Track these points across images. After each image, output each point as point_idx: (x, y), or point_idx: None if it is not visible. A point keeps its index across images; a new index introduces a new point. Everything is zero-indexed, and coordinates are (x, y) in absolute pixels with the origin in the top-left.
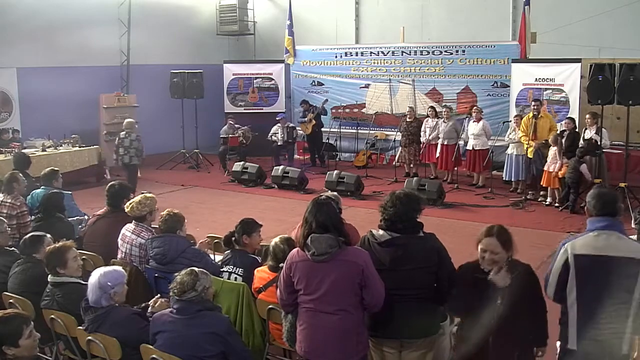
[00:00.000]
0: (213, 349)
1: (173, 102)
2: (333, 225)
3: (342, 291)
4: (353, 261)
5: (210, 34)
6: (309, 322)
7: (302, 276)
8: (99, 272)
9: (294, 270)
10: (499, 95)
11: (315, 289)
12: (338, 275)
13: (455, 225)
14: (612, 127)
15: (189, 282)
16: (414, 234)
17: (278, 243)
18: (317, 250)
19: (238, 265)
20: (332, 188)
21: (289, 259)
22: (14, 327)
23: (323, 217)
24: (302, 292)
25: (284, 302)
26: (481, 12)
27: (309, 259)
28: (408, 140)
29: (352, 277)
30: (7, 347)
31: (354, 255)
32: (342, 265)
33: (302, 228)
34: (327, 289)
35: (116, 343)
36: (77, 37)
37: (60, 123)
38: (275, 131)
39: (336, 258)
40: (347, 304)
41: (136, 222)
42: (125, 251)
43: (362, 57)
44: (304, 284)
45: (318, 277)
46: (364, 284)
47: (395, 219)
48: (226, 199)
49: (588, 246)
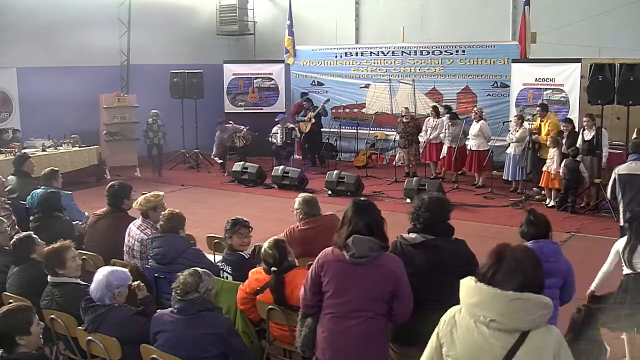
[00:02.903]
0: (213, 349)
1: (173, 102)
2: (378, 227)
3: (373, 297)
4: (390, 268)
5: (210, 34)
6: (331, 329)
7: (334, 277)
8: (106, 269)
9: (325, 270)
10: (499, 95)
11: (345, 292)
12: (373, 280)
13: (455, 225)
14: (612, 127)
15: (192, 284)
16: (446, 237)
17: (267, 249)
18: (357, 251)
19: (227, 263)
20: (332, 188)
21: (321, 258)
22: (25, 315)
23: (369, 219)
24: (329, 294)
25: (306, 302)
26: (481, 12)
27: (344, 260)
28: (407, 142)
29: (386, 284)
30: (20, 337)
31: (390, 262)
32: (378, 271)
33: (344, 228)
34: (357, 293)
35: (116, 343)
36: (77, 37)
37: (60, 123)
38: (275, 131)
39: (374, 263)
40: (374, 312)
41: (143, 219)
42: (129, 245)
43: (362, 57)
44: (334, 286)
45: (351, 280)
46: (396, 293)
47: (429, 223)
48: (226, 199)
49: (626, 169)
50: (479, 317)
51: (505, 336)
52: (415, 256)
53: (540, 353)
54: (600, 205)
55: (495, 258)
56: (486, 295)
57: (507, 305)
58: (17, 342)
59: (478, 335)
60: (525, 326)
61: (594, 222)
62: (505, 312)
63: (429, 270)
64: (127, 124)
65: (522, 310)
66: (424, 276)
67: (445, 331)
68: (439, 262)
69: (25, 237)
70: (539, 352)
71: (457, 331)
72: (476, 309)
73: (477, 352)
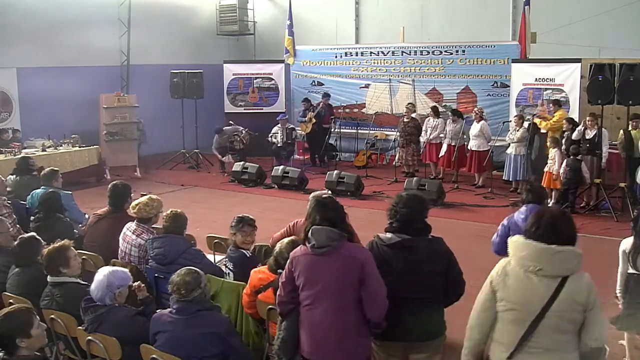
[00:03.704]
0: (213, 348)
1: (173, 102)
2: (340, 219)
3: (341, 287)
4: (354, 256)
5: (210, 34)
6: (309, 321)
7: (303, 270)
8: (107, 270)
9: (295, 265)
10: (499, 95)
11: (315, 283)
12: (338, 269)
13: (455, 225)
14: (612, 127)
15: (192, 282)
16: (423, 236)
17: (283, 250)
18: (317, 242)
19: (230, 260)
20: (332, 188)
21: (291, 255)
22: (24, 317)
23: (329, 213)
24: (301, 287)
25: (280, 298)
26: (481, 12)
27: (310, 253)
28: (405, 141)
29: (352, 272)
30: (20, 340)
31: (355, 250)
32: (343, 260)
33: (305, 223)
34: (326, 284)
35: (116, 343)
36: (77, 37)
37: (60, 123)
38: (276, 132)
39: (337, 252)
40: (346, 301)
41: (138, 223)
42: (125, 250)
43: (362, 57)
44: (304, 278)
45: (318, 271)
46: (364, 281)
47: (407, 220)
48: (226, 199)
49: None
50: (528, 267)
51: (550, 281)
52: (391, 256)
53: (576, 293)
54: (600, 205)
55: (537, 218)
56: (534, 249)
57: (552, 256)
58: (17, 344)
59: (527, 281)
60: (565, 273)
61: (594, 222)
62: (550, 262)
63: (406, 269)
64: (127, 124)
65: (563, 260)
66: (402, 275)
67: (498, 280)
68: (415, 262)
69: (31, 239)
70: (576, 291)
71: (509, 279)
72: (526, 260)
73: (528, 295)
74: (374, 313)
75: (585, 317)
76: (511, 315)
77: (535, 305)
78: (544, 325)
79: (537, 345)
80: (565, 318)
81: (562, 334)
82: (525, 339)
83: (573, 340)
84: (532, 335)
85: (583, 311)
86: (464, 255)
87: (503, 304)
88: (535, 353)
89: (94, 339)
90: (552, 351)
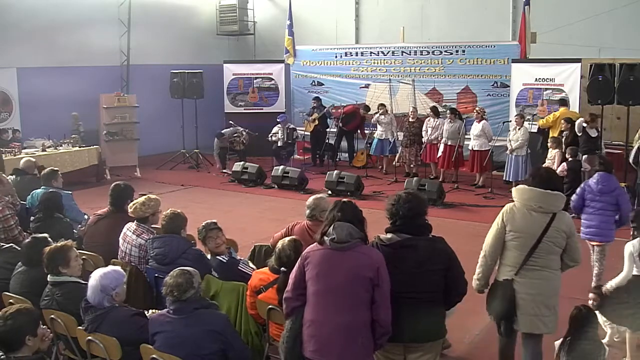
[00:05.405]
0: (212, 346)
1: (173, 102)
2: (360, 223)
3: (353, 286)
4: (370, 256)
5: (210, 34)
6: (315, 320)
7: (315, 264)
8: (98, 273)
9: (308, 260)
10: (499, 95)
11: (327, 277)
12: (353, 266)
13: (455, 225)
14: (612, 127)
15: (185, 282)
16: (424, 236)
17: (285, 248)
18: (337, 236)
19: (213, 269)
20: (332, 188)
21: (305, 251)
22: (35, 315)
23: (351, 215)
24: (311, 281)
25: (287, 294)
26: (481, 12)
27: (326, 247)
28: (409, 141)
29: (366, 271)
30: (29, 337)
31: (371, 252)
32: (359, 258)
33: (325, 222)
34: (339, 279)
35: (116, 343)
36: (77, 37)
37: (60, 123)
38: (276, 132)
39: (355, 250)
40: (356, 302)
41: (138, 223)
42: (125, 250)
43: (362, 57)
44: (315, 271)
45: (333, 265)
46: (376, 282)
47: (409, 216)
48: (226, 199)
49: None
50: (530, 206)
51: (544, 216)
52: (392, 256)
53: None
54: None
55: (534, 173)
56: (534, 193)
57: (547, 197)
58: (25, 342)
59: (529, 216)
60: (554, 210)
61: None
62: (546, 202)
63: (408, 269)
64: (127, 124)
65: (555, 200)
66: (403, 276)
67: (509, 216)
68: (416, 262)
69: (43, 239)
70: (561, 223)
71: (516, 215)
72: (529, 201)
73: (530, 225)
74: (383, 316)
75: (566, 243)
76: (517, 242)
77: (535, 233)
78: (540, 249)
79: (535, 264)
80: (555, 243)
81: (552, 255)
82: (526, 260)
83: (558, 259)
84: (532, 257)
85: (566, 237)
86: (464, 255)
87: (512, 234)
88: (533, 269)
89: (94, 338)
90: (545, 268)
